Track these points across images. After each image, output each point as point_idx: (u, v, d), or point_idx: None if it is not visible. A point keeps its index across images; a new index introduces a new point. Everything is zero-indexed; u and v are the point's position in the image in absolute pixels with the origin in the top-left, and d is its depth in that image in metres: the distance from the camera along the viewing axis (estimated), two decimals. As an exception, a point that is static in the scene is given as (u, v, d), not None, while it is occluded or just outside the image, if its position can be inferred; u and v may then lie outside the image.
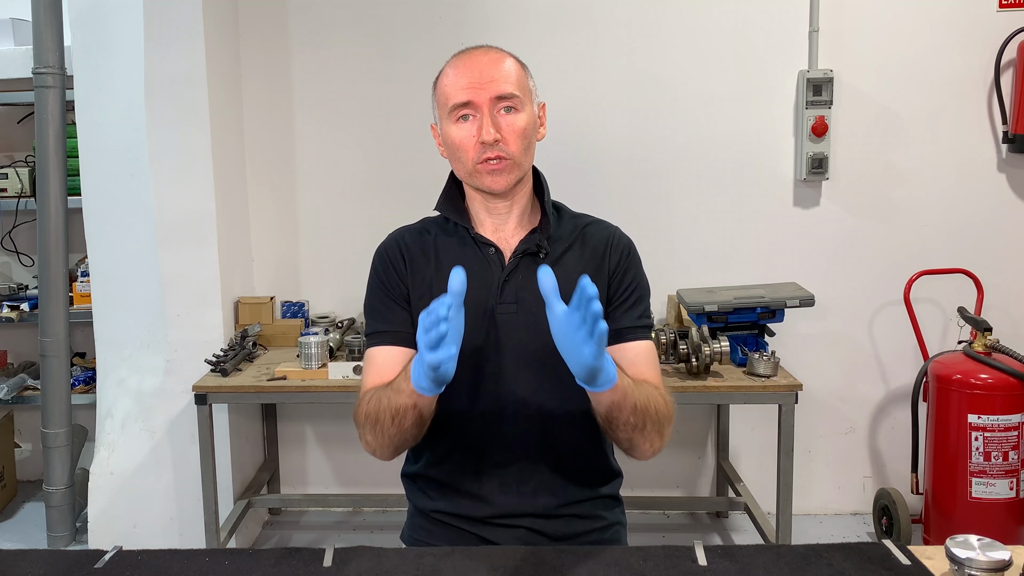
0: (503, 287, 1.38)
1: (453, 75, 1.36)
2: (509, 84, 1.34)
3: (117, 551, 1.24)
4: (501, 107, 1.34)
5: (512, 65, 1.37)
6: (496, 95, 1.33)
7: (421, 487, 1.48)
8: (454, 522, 1.43)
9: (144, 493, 3.01)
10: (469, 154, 1.35)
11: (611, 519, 1.48)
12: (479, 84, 1.33)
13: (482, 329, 1.37)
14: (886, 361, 3.24)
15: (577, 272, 1.38)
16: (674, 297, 3.04)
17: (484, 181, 1.36)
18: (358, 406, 1.36)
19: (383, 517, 3.34)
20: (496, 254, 1.41)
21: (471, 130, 1.34)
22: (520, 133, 1.35)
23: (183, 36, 2.83)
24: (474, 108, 1.33)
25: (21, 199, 3.36)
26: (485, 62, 1.35)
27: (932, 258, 3.12)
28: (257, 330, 3.01)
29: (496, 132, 1.32)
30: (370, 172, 3.24)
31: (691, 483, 3.36)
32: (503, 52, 1.39)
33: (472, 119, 1.34)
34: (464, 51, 1.40)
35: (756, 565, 1.17)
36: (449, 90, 1.35)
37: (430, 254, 1.43)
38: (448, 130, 1.37)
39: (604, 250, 1.43)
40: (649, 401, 1.28)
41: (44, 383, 3.01)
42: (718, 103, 3.14)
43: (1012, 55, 3.05)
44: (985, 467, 2.69)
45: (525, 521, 1.40)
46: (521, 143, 1.35)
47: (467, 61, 1.36)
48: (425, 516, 1.47)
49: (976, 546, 1.10)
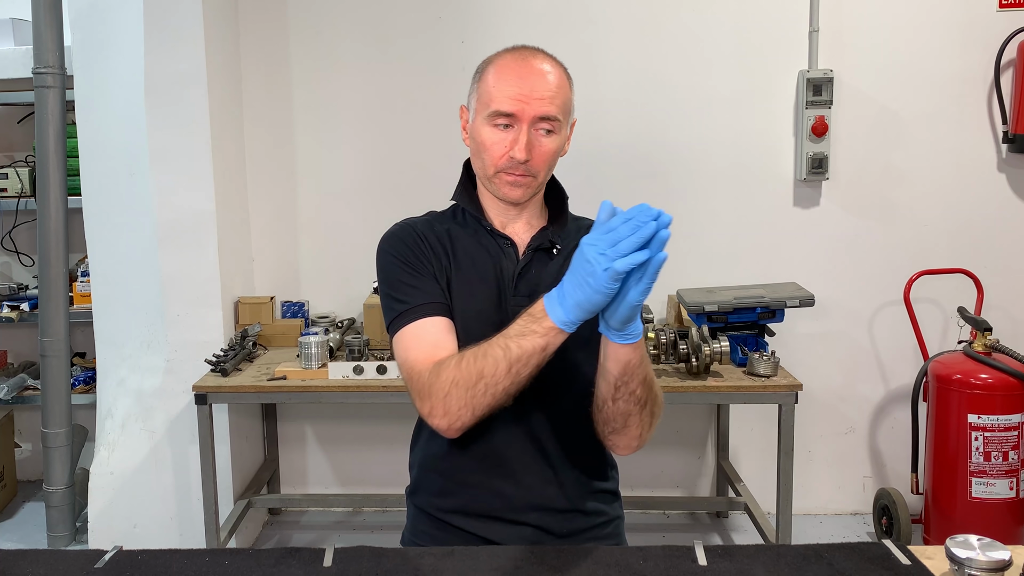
0: (517, 280, 1.39)
1: (504, 78, 1.33)
2: (555, 106, 1.32)
3: (117, 551, 1.24)
4: (541, 127, 1.32)
5: (563, 83, 1.35)
6: (540, 115, 1.31)
7: (431, 485, 1.46)
8: (460, 522, 1.42)
9: (144, 493, 3.01)
10: (495, 160, 1.34)
11: (612, 514, 1.49)
12: (527, 98, 1.31)
13: (495, 322, 1.35)
14: (886, 361, 3.24)
15: None
16: (674, 297, 3.04)
17: (501, 190, 1.36)
18: (432, 378, 1.25)
19: (383, 517, 3.34)
20: (512, 247, 1.42)
21: (504, 139, 1.33)
22: (550, 156, 1.35)
23: (183, 36, 2.83)
24: (514, 120, 1.32)
25: (21, 199, 3.36)
26: (539, 75, 1.33)
27: (932, 258, 3.12)
28: (257, 330, 3.01)
29: (529, 153, 1.32)
30: (370, 172, 3.24)
31: (691, 483, 3.36)
32: (557, 64, 1.37)
33: (509, 129, 1.32)
34: (519, 52, 1.36)
35: (756, 565, 1.17)
36: (495, 93, 1.32)
37: (445, 243, 1.42)
38: (481, 128, 1.35)
39: None
40: (654, 380, 1.29)
41: (44, 383, 3.01)
42: (718, 103, 3.14)
43: (1012, 55, 3.05)
44: (985, 467, 2.69)
45: (532, 517, 1.39)
46: (547, 165, 1.36)
47: (521, 67, 1.33)
48: (431, 519, 1.46)
49: (976, 546, 1.10)
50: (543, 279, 1.39)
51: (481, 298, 1.38)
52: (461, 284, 1.39)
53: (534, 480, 1.39)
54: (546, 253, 1.42)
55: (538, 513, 1.40)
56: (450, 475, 1.43)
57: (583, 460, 1.43)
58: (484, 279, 1.39)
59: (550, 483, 1.40)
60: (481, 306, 1.38)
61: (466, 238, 1.43)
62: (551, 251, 1.42)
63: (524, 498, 1.39)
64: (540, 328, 1.16)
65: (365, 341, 2.78)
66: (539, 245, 1.41)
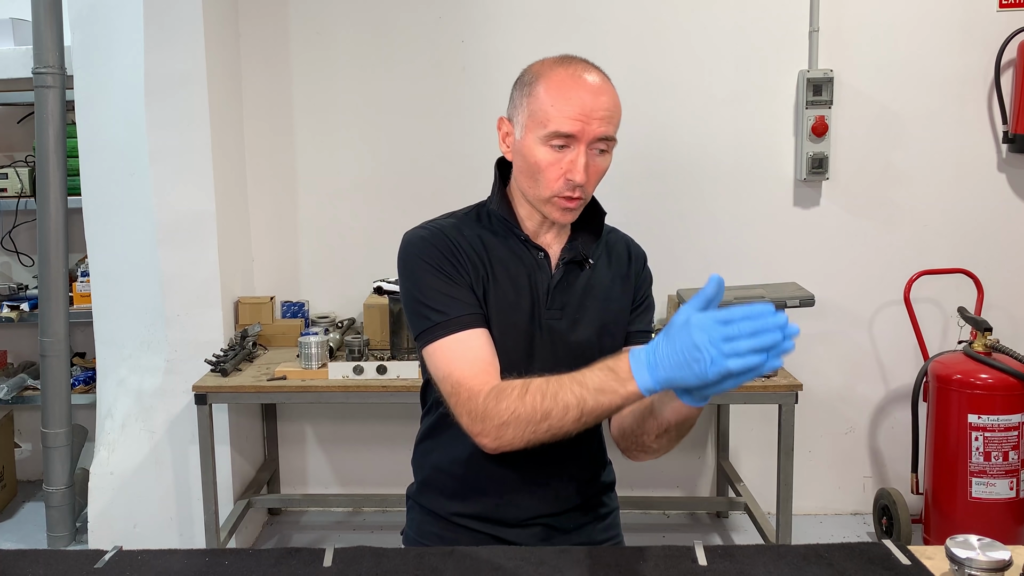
0: (552, 293, 1.37)
1: (562, 96, 1.27)
2: (613, 125, 1.30)
3: (117, 551, 1.24)
4: (598, 148, 1.29)
5: (616, 98, 1.32)
6: (600, 135, 1.28)
7: (442, 486, 1.44)
8: (474, 525, 1.41)
9: (144, 493, 3.01)
10: (552, 184, 1.29)
11: (611, 505, 1.51)
12: (587, 118, 1.26)
13: (521, 334, 1.36)
14: (886, 361, 3.24)
15: (607, 280, 1.42)
16: (674, 297, 3.04)
17: (554, 214, 1.33)
18: (492, 400, 1.21)
19: (383, 517, 3.34)
20: (545, 258, 1.39)
21: (561, 160, 1.28)
22: (601, 175, 1.33)
23: (183, 36, 2.83)
24: (573, 141, 1.27)
25: (21, 199, 3.36)
26: (595, 92, 1.28)
27: (932, 258, 3.12)
28: (257, 330, 3.01)
29: (587, 175, 1.28)
30: (370, 172, 3.24)
31: (691, 483, 3.36)
32: (606, 77, 1.33)
33: (565, 150, 1.28)
34: (571, 65, 1.31)
35: (756, 565, 1.17)
36: (553, 112, 1.27)
37: (480, 251, 1.37)
38: (534, 148, 1.29)
39: (627, 258, 1.46)
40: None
41: (44, 383, 3.01)
42: (718, 103, 3.14)
43: (1012, 55, 3.05)
44: (985, 467, 2.69)
45: (544, 519, 1.41)
46: (597, 183, 1.34)
47: (577, 84, 1.28)
48: (441, 520, 1.44)
49: (976, 546, 1.10)
50: (574, 293, 1.39)
51: (516, 310, 1.35)
52: (497, 295, 1.35)
53: (549, 486, 1.40)
54: (578, 266, 1.40)
55: (547, 518, 1.41)
56: (468, 481, 1.41)
57: (589, 457, 1.45)
58: (519, 291, 1.36)
59: (563, 486, 1.41)
60: (516, 319, 1.35)
61: (500, 246, 1.37)
62: (583, 264, 1.40)
63: (539, 506, 1.40)
64: (623, 390, 1.11)
65: (365, 341, 2.78)
66: (572, 258, 1.39)
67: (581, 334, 1.38)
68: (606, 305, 1.41)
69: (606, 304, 1.41)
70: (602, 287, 1.41)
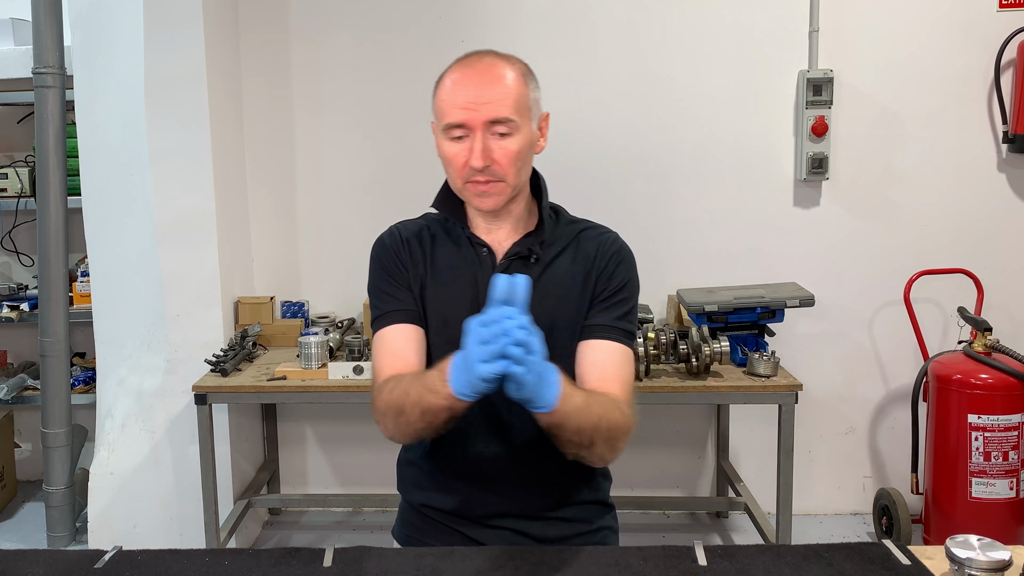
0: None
1: (451, 88, 1.31)
2: (505, 107, 1.29)
3: (117, 551, 1.25)
4: (496, 131, 1.29)
5: (514, 81, 1.31)
6: (490, 119, 1.28)
7: (412, 478, 1.48)
8: (441, 518, 1.44)
9: (144, 493, 3.01)
10: (460, 172, 1.32)
11: (599, 524, 1.47)
12: (475, 105, 1.28)
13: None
14: (886, 361, 3.24)
15: (567, 277, 1.39)
16: (674, 297, 3.04)
17: (472, 201, 1.35)
18: (377, 395, 1.32)
19: (383, 517, 3.34)
20: (488, 255, 1.39)
21: (462, 150, 1.30)
22: (514, 157, 1.31)
23: (183, 36, 2.83)
24: (467, 129, 1.29)
25: (21, 199, 3.36)
26: (484, 80, 1.29)
27: (932, 258, 3.12)
28: (257, 330, 3.01)
29: (487, 158, 1.29)
30: (370, 172, 3.24)
31: (691, 483, 3.36)
32: (507, 64, 1.33)
33: (465, 139, 1.30)
34: (467, 59, 1.34)
35: (756, 565, 1.17)
36: (445, 106, 1.31)
37: (427, 249, 1.42)
38: (442, 144, 1.33)
39: (594, 255, 1.40)
40: (601, 420, 1.23)
41: (44, 383, 3.01)
42: (718, 103, 3.14)
43: (1012, 55, 3.05)
44: (985, 467, 2.69)
45: (509, 522, 1.40)
46: (514, 167, 1.32)
47: (467, 75, 1.31)
48: (415, 510, 1.48)
49: (976, 546, 1.10)
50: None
51: (457, 306, 1.37)
52: (436, 291, 1.40)
53: (509, 487, 1.39)
54: (524, 261, 1.39)
55: (514, 519, 1.40)
56: (428, 473, 1.45)
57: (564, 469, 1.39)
58: (461, 287, 1.38)
59: (527, 491, 1.39)
60: (457, 314, 1.35)
61: (448, 244, 1.42)
62: (529, 259, 1.39)
63: (499, 504, 1.39)
64: (443, 391, 1.15)
65: (365, 341, 2.78)
66: (517, 253, 1.38)
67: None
68: (561, 302, 1.38)
69: (562, 301, 1.38)
70: (558, 283, 1.38)
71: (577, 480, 1.43)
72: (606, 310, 1.38)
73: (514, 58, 1.36)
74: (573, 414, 1.18)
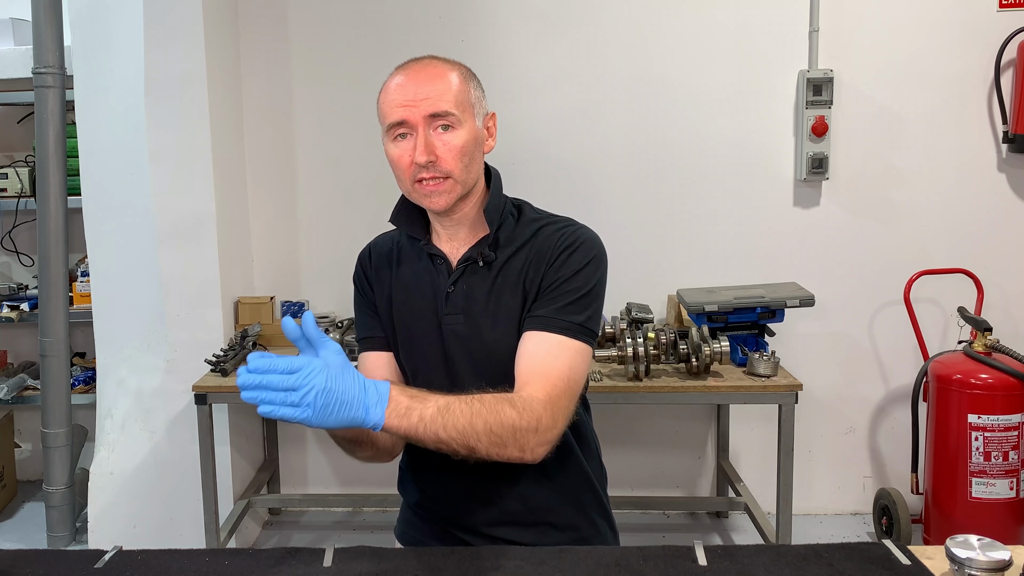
0: (448, 297, 1.37)
1: (391, 91, 1.32)
2: (445, 102, 1.29)
3: (117, 551, 1.25)
4: (437, 125, 1.30)
5: (453, 79, 1.32)
6: (430, 113, 1.29)
7: (408, 481, 1.51)
8: (437, 521, 1.46)
9: (144, 493, 3.01)
10: (406, 172, 1.32)
11: (592, 530, 1.45)
12: (414, 102, 1.29)
13: (431, 340, 1.38)
14: (886, 361, 3.24)
15: (518, 277, 1.35)
16: (674, 297, 3.04)
17: (423, 201, 1.34)
18: None
19: (383, 517, 3.34)
20: (443, 264, 1.39)
21: (407, 148, 1.30)
22: (458, 152, 1.30)
23: (183, 36, 2.83)
24: (409, 127, 1.30)
25: (21, 199, 3.36)
26: (423, 78, 1.31)
27: (932, 258, 3.12)
28: (257, 330, 3.01)
29: (431, 153, 1.28)
30: (370, 172, 3.23)
31: (691, 483, 3.36)
32: (445, 65, 1.34)
33: (409, 138, 1.30)
34: (405, 65, 1.35)
35: (756, 565, 1.17)
36: (386, 108, 1.32)
37: (393, 263, 1.44)
38: (387, 147, 1.34)
39: (548, 250, 1.35)
40: (474, 423, 1.17)
41: (44, 383, 3.01)
42: (718, 103, 3.14)
43: (1012, 55, 3.05)
44: (985, 467, 2.69)
45: (499, 531, 1.39)
46: (460, 161, 1.31)
47: (405, 77, 1.32)
48: (411, 510, 1.51)
49: (976, 546, 1.10)
50: (475, 294, 1.36)
51: (420, 317, 1.39)
52: (403, 305, 1.41)
53: (493, 498, 1.39)
54: (477, 266, 1.37)
55: (504, 527, 1.40)
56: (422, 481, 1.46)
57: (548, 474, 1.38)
58: (423, 297, 1.40)
59: (514, 498, 1.39)
60: (422, 325, 1.39)
61: (411, 258, 1.43)
62: (478, 263, 1.37)
63: (486, 513, 1.39)
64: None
65: (365, 341, 2.78)
66: (469, 258, 1.37)
67: (492, 334, 1.35)
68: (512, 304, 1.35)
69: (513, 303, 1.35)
70: (508, 285, 1.36)
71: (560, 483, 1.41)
72: (549, 301, 1.32)
73: (455, 61, 1.37)
74: (420, 425, 1.14)
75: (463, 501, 1.41)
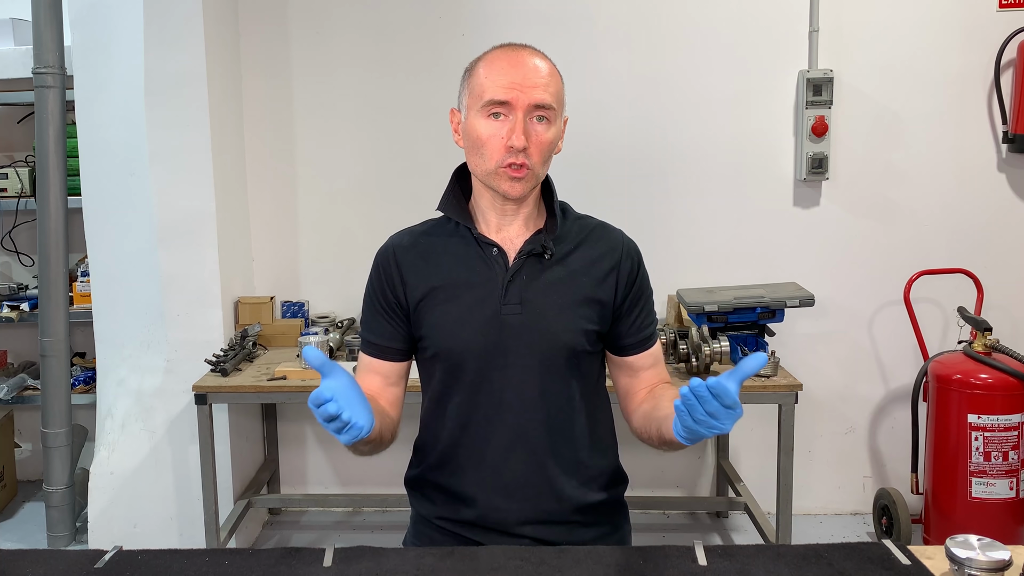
0: (508, 288, 1.36)
1: (496, 69, 1.32)
2: (549, 94, 1.32)
3: (117, 551, 1.24)
4: (536, 115, 1.31)
5: (555, 74, 1.35)
6: (535, 102, 1.30)
7: (425, 493, 1.46)
8: (457, 529, 1.42)
9: (144, 493, 3.01)
10: (494, 154, 1.31)
11: (615, 525, 1.47)
12: (521, 86, 1.30)
13: (487, 331, 1.36)
14: (886, 361, 3.24)
15: (582, 272, 1.39)
16: (674, 297, 3.04)
17: (502, 185, 1.33)
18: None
19: (383, 517, 3.34)
20: (499, 254, 1.38)
21: (500, 130, 1.31)
22: (546, 146, 1.33)
23: (183, 36, 2.83)
24: (509, 109, 1.30)
25: (21, 199, 3.36)
26: (531, 65, 1.32)
27: (932, 258, 3.12)
28: (257, 330, 3.01)
29: (525, 140, 1.30)
30: (370, 172, 3.24)
31: (691, 483, 3.36)
32: (547, 58, 1.37)
33: (504, 119, 1.31)
34: (509, 46, 1.36)
35: (756, 565, 1.17)
36: (487, 83, 1.31)
37: (430, 255, 1.41)
38: (475, 122, 1.33)
39: (617, 255, 1.42)
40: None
41: (44, 383, 3.01)
42: (718, 103, 3.14)
43: (1012, 55, 3.05)
44: (985, 467, 2.69)
45: (528, 529, 1.39)
46: (544, 155, 1.34)
47: (513, 58, 1.33)
48: (429, 523, 1.46)
49: (976, 546, 1.10)
50: (535, 285, 1.37)
51: (469, 307, 1.36)
52: (449, 295, 1.38)
53: (530, 494, 1.38)
54: (538, 259, 1.38)
55: (533, 526, 1.39)
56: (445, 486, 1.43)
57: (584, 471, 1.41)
58: (472, 288, 1.37)
59: (546, 496, 1.39)
60: (474, 316, 1.36)
61: (455, 247, 1.41)
62: (543, 256, 1.38)
63: (519, 512, 1.39)
64: None
65: (365, 341, 2.78)
66: (531, 251, 1.38)
67: (550, 325, 1.36)
68: (576, 297, 1.38)
69: (577, 296, 1.38)
70: (573, 278, 1.39)
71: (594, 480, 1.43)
72: (648, 314, 1.47)
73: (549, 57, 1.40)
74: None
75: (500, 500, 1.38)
